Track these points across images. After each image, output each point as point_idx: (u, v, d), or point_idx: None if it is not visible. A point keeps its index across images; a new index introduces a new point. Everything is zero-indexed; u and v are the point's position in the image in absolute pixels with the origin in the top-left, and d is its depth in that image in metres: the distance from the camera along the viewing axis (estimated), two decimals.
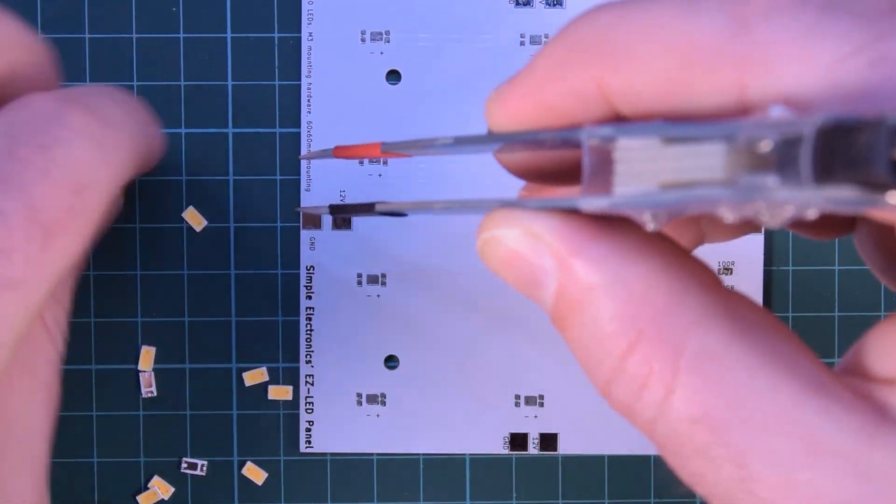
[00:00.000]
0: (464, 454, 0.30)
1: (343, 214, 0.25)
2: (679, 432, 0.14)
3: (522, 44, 0.29)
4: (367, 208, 0.21)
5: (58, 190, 0.17)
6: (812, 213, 0.12)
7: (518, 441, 0.29)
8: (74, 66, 0.29)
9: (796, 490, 0.13)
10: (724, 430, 0.14)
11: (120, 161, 0.19)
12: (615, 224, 0.15)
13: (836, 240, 0.30)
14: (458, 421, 0.29)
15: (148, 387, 0.29)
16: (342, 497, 0.30)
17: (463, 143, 0.17)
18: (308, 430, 0.29)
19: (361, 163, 0.29)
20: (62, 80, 0.25)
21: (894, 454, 0.13)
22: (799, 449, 0.13)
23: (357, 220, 0.29)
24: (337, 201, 0.29)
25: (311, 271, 0.29)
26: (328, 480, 0.30)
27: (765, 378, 0.14)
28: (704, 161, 0.13)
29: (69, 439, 0.29)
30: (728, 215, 0.13)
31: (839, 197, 0.12)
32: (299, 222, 0.29)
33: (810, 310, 0.30)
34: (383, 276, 0.29)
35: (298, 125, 0.29)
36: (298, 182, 0.29)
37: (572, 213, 0.15)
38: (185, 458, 0.29)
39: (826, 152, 0.11)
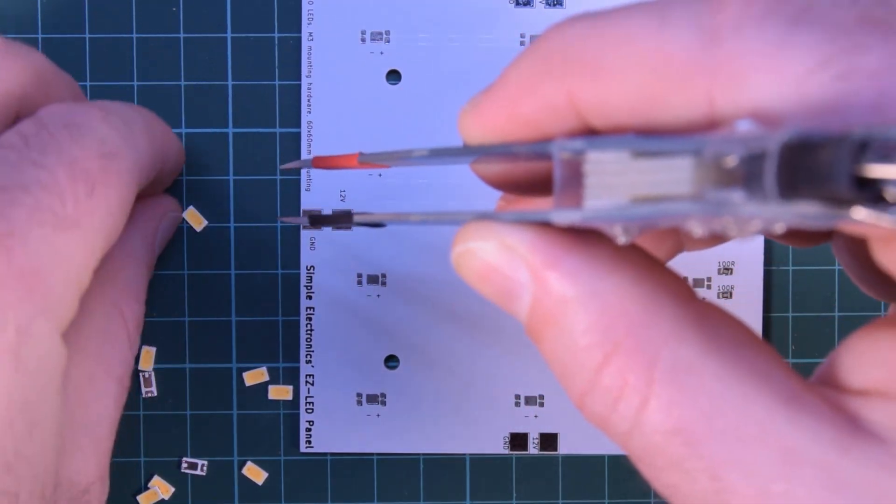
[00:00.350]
0: (464, 454, 0.30)
1: (322, 225, 0.25)
2: (654, 444, 0.14)
3: (522, 44, 0.29)
4: (346, 219, 0.22)
5: (88, 153, 0.20)
6: (779, 228, 0.12)
7: (518, 441, 0.29)
8: (74, 66, 0.29)
9: (771, 501, 0.13)
10: (699, 441, 0.14)
11: (136, 143, 0.22)
12: (589, 236, 0.15)
13: None
14: (458, 421, 0.29)
15: (148, 387, 0.29)
16: (342, 497, 0.30)
17: (438, 154, 0.17)
18: (308, 430, 0.29)
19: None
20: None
21: (867, 466, 0.13)
22: (774, 460, 0.13)
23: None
24: (337, 201, 0.29)
25: (311, 271, 0.29)
26: (328, 480, 0.30)
27: (739, 390, 0.14)
28: (673, 175, 0.13)
29: None
30: (697, 229, 0.13)
31: (804, 212, 0.12)
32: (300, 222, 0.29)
33: (810, 310, 0.30)
34: (383, 276, 0.29)
35: (298, 125, 0.29)
36: (298, 182, 0.29)
37: (547, 225, 0.15)
38: (185, 458, 0.29)
39: (790, 168, 0.11)
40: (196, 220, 0.29)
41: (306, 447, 0.29)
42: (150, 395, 0.29)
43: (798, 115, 0.12)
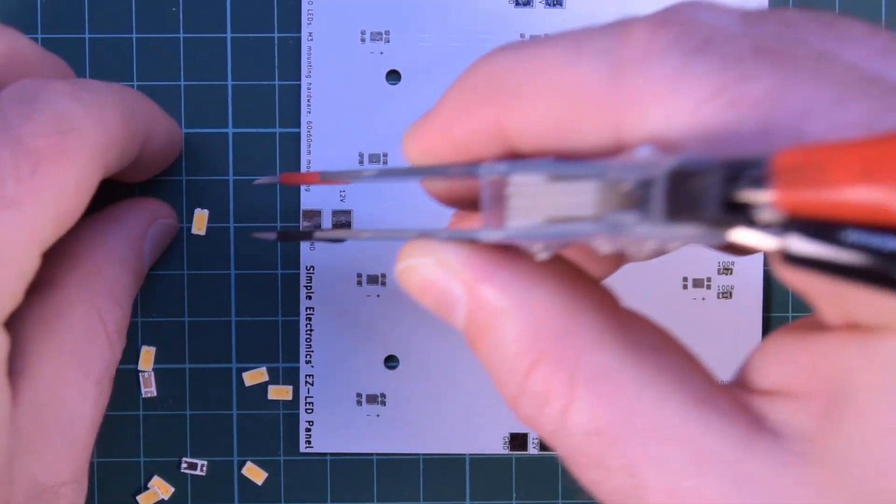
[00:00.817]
0: (464, 454, 0.30)
1: (288, 241, 0.27)
2: (577, 444, 0.15)
3: None
4: (307, 235, 0.23)
5: (41, 129, 0.20)
6: (674, 247, 0.13)
7: (518, 441, 0.29)
8: (74, 66, 0.29)
9: (682, 496, 0.14)
10: (617, 441, 0.15)
11: (105, 119, 0.21)
12: (519, 251, 0.16)
13: None
14: (458, 421, 0.29)
15: (148, 387, 0.29)
16: (342, 497, 0.30)
17: (386, 174, 0.19)
18: (308, 430, 0.29)
19: (361, 162, 0.29)
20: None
21: (769, 462, 0.14)
22: (685, 458, 0.14)
23: (357, 220, 0.29)
24: (337, 201, 0.29)
25: (311, 271, 0.29)
26: (328, 480, 0.30)
27: (654, 393, 0.15)
28: (580, 198, 0.14)
29: None
30: (604, 247, 0.14)
31: (688, 234, 0.13)
32: (299, 222, 0.29)
33: (810, 310, 0.30)
34: (383, 275, 0.29)
35: (298, 125, 0.29)
36: None
37: (479, 242, 0.16)
38: (185, 458, 0.29)
39: (675, 194, 0.13)
40: (200, 223, 0.29)
41: (306, 447, 0.29)
42: (150, 395, 0.29)
43: (693, 142, 0.13)
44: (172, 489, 0.29)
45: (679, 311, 0.29)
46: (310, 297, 0.29)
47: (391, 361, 0.29)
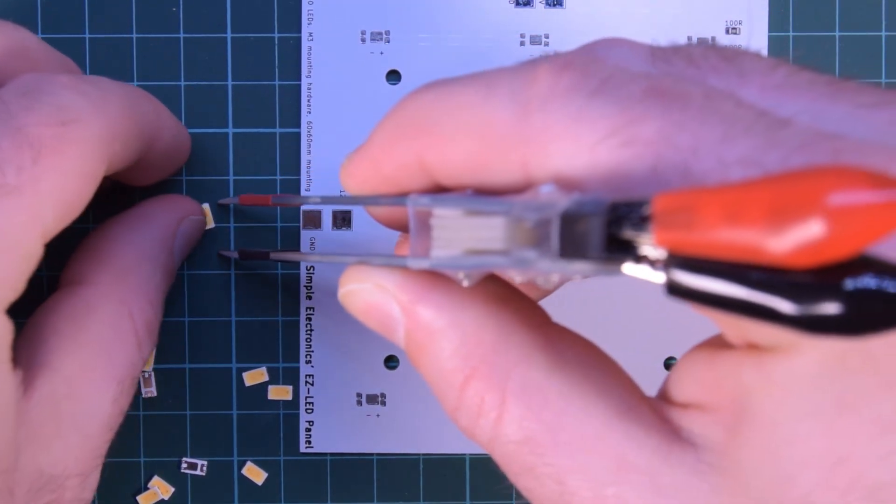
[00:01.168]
0: (464, 454, 0.30)
1: (249, 259, 0.28)
2: (509, 453, 0.16)
3: (522, 44, 0.29)
4: (265, 255, 0.26)
5: (43, 119, 0.20)
6: (578, 278, 0.14)
7: None
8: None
9: (607, 503, 0.15)
10: (546, 451, 0.16)
11: (108, 113, 0.21)
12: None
13: None
14: None
15: (148, 387, 0.29)
16: (342, 497, 0.30)
17: (328, 202, 0.21)
18: (308, 430, 0.29)
19: None
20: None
21: (684, 471, 0.15)
22: (608, 467, 0.15)
23: (356, 220, 0.29)
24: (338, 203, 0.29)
25: (311, 271, 0.29)
26: (328, 480, 0.30)
27: (579, 404, 0.16)
28: (492, 233, 0.15)
29: None
30: (516, 278, 0.15)
31: (584, 269, 0.14)
32: (299, 222, 0.29)
33: None
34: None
35: (298, 125, 0.29)
36: (298, 182, 0.29)
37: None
38: (185, 458, 0.29)
39: (567, 233, 0.14)
40: (207, 220, 0.29)
41: (306, 447, 0.29)
42: (150, 395, 0.29)
43: (593, 181, 0.14)
44: (172, 489, 0.29)
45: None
46: (310, 297, 0.29)
47: (391, 361, 0.29)
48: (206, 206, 0.29)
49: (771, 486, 0.14)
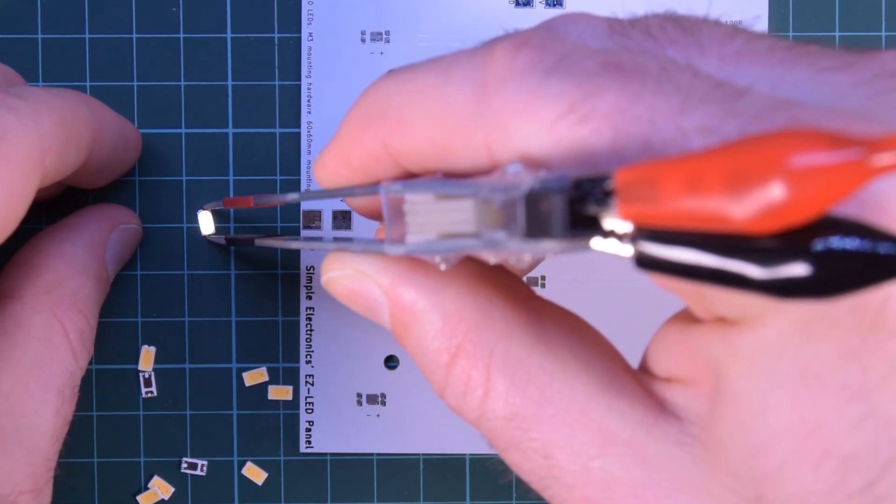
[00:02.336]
0: (464, 454, 0.30)
1: (233, 245, 0.28)
2: (496, 429, 0.17)
3: None
4: (249, 242, 0.26)
5: None
6: (550, 257, 0.14)
7: None
8: (75, 66, 0.29)
9: (592, 476, 0.16)
10: (531, 426, 0.16)
11: (41, 126, 0.21)
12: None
13: None
14: (458, 421, 0.29)
15: (148, 387, 0.29)
16: (342, 497, 0.30)
17: (305, 197, 0.22)
18: (308, 430, 0.29)
19: None
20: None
21: (666, 442, 0.15)
22: (593, 440, 0.16)
23: (356, 219, 0.29)
24: (337, 201, 0.29)
25: (310, 271, 0.29)
26: (328, 480, 0.30)
27: (563, 378, 0.16)
28: (462, 216, 0.15)
29: (69, 439, 0.29)
30: (490, 259, 0.15)
31: (553, 248, 0.14)
32: (299, 222, 0.29)
33: None
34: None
35: (298, 125, 0.29)
36: (298, 182, 0.29)
37: None
38: (185, 458, 0.29)
39: (532, 212, 0.14)
40: (207, 225, 0.29)
41: (306, 447, 0.29)
42: (150, 395, 0.29)
43: (556, 159, 0.14)
44: (172, 489, 0.29)
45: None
46: (310, 297, 0.29)
47: (391, 361, 0.29)
48: (206, 212, 0.29)
49: (746, 458, 0.14)
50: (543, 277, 0.29)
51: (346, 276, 0.18)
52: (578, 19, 0.16)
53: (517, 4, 0.29)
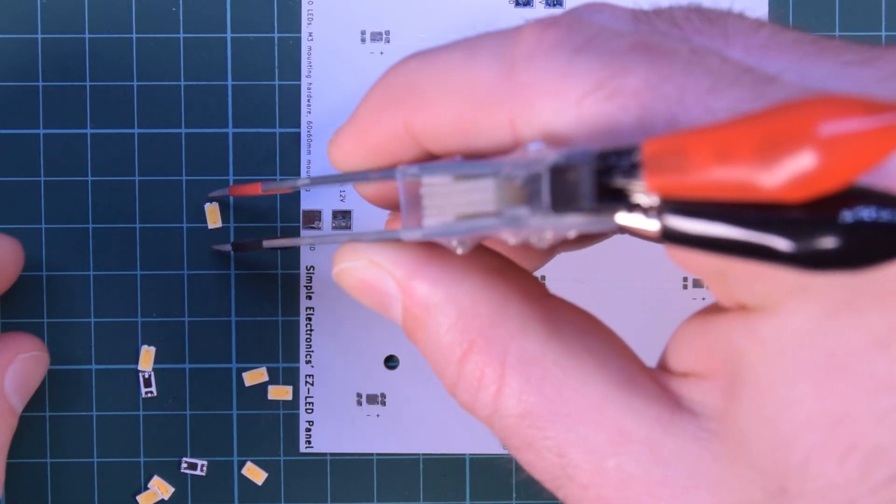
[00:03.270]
0: (464, 454, 0.30)
1: (240, 251, 0.28)
2: (510, 427, 0.16)
3: None
4: (258, 245, 0.25)
5: None
6: (572, 234, 0.14)
7: None
8: (75, 66, 0.29)
9: (607, 475, 0.15)
10: (545, 424, 0.16)
11: None
12: (444, 248, 0.17)
13: None
14: (458, 421, 0.29)
15: (148, 387, 0.29)
16: (342, 497, 0.30)
17: (317, 182, 0.21)
18: (308, 430, 0.29)
19: None
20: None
21: (683, 438, 0.15)
22: (608, 438, 0.15)
23: (356, 220, 0.29)
24: (337, 201, 0.29)
25: (311, 271, 0.29)
26: (328, 480, 0.30)
27: (578, 376, 0.16)
28: (482, 195, 0.15)
29: (69, 439, 0.29)
30: (510, 239, 0.15)
31: (578, 223, 0.13)
32: (299, 222, 0.29)
33: None
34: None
35: (298, 125, 0.29)
36: None
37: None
38: (185, 458, 0.29)
39: (557, 187, 0.13)
40: (214, 217, 0.29)
41: (306, 447, 0.29)
42: (150, 395, 0.29)
43: (580, 135, 0.14)
44: (172, 489, 0.29)
45: (679, 311, 0.29)
46: (310, 297, 0.29)
47: (391, 361, 0.29)
48: (214, 206, 0.29)
49: (769, 451, 0.14)
50: (543, 277, 0.29)
51: (358, 268, 0.17)
52: (602, 8, 0.16)
53: (517, 4, 0.29)
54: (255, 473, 0.29)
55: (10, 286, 0.27)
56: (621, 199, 0.13)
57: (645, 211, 0.13)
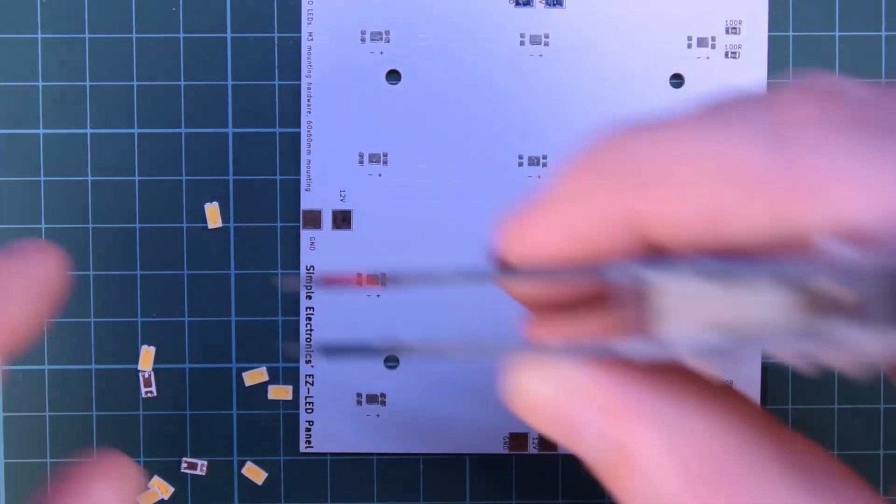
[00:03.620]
0: (464, 454, 0.30)
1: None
2: None
3: (522, 44, 0.29)
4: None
5: None
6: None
7: (518, 441, 0.29)
8: (75, 66, 0.29)
9: None
10: None
11: None
12: (654, 367, 0.14)
13: None
14: (458, 421, 0.29)
15: (148, 387, 0.29)
16: (342, 497, 0.30)
17: (471, 277, 0.16)
18: (308, 430, 0.29)
19: (361, 162, 0.29)
20: None
21: None
22: None
23: (357, 220, 0.29)
24: (337, 201, 0.29)
25: (310, 271, 0.29)
26: (328, 480, 0.30)
27: None
28: (755, 301, 0.12)
29: (69, 439, 0.29)
30: (793, 360, 0.12)
31: None
32: (299, 222, 0.29)
33: None
34: (383, 276, 0.29)
35: (298, 125, 0.29)
36: (298, 182, 0.29)
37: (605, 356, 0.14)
38: (185, 458, 0.29)
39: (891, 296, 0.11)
40: (214, 216, 0.29)
41: (306, 447, 0.29)
42: (149, 395, 0.29)
43: (890, 231, 0.11)
44: (172, 489, 0.29)
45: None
46: (310, 297, 0.29)
47: (391, 361, 0.29)
48: (214, 205, 0.29)
49: None
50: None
51: (546, 387, 0.14)
52: (828, 76, 0.13)
53: (517, 4, 0.29)
54: (255, 473, 0.29)
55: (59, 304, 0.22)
56: None
57: None
